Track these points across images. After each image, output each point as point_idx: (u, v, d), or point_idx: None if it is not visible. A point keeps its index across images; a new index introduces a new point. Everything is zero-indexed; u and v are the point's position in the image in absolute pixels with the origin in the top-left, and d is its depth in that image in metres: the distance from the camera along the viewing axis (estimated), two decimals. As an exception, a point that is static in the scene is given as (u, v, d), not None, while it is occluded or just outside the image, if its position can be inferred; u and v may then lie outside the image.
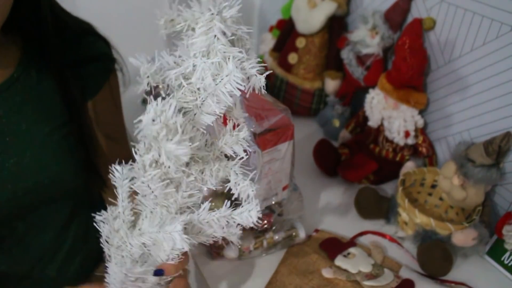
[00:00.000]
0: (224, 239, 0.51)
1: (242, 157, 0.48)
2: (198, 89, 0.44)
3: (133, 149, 0.45)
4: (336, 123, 1.04)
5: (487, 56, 0.76)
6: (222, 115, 0.45)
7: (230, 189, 0.49)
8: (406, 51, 0.83)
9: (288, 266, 0.73)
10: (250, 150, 0.60)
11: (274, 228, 0.74)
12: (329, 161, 0.94)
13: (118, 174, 0.49)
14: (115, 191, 0.51)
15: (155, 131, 0.40)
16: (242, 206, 0.49)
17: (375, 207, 0.82)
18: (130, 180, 0.49)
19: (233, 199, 0.65)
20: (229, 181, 0.48)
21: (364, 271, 0.70)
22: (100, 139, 0.75)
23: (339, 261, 0.72)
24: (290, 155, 0.67)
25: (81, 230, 0.78)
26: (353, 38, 0.95)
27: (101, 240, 0.52)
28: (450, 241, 0.73)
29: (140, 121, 0.41)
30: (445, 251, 0.72)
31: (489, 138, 0.72)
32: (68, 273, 0.79)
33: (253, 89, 0.43)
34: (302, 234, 0.75)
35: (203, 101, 0.44)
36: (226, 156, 0.49)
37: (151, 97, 0.42)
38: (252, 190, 0.47)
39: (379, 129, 0.95)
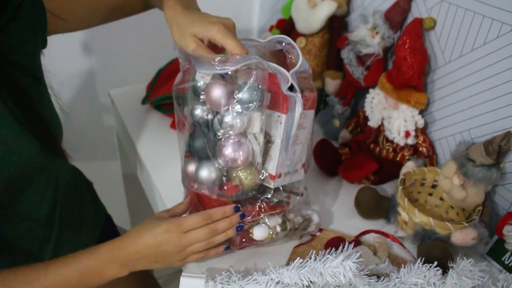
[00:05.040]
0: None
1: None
2: None
3: None
4: (336, 123, 1.04)
5: (487, 56, 0.76)
6: None
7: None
8: (407, 51, 0.83)
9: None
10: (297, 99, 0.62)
11: (293, 210, 0.74)
12: (329, 161, 0.94)
13: None
14: None
15: None
16: None
17: (375, 207, 0.82)
18: None
19: (261, 177, 0.66)
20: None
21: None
22: None
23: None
24: (312, 126, 0.70)
25: (67, 216, 0.79)
26: (353, 38, 0.95)
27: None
28: (449, 241, 0.73)
29: None
30: (446, 250, 0.72)
31: (489, 138, 0.72)
32: None
33: None
34: (316, 219, 0.76)
35: None
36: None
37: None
38: None
39: (379, 129, 0.95)
